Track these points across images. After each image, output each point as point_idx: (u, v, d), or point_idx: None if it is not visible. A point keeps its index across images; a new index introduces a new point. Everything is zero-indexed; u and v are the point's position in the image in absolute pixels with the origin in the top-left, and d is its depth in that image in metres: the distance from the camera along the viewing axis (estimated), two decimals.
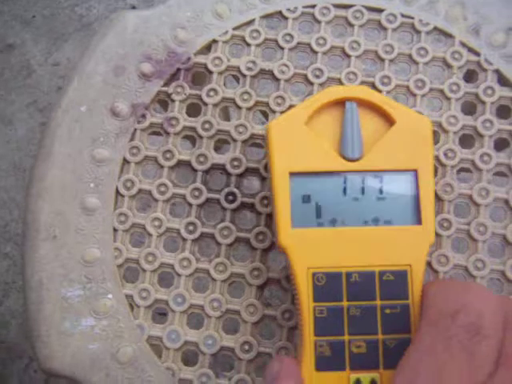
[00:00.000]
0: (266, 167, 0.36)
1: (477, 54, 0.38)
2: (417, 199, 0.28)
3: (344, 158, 0.29)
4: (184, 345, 0.34)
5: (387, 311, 0.27)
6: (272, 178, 0.29)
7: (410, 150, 0.29)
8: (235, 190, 0.36)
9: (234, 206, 0.36)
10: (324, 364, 0.27)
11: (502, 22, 0.38)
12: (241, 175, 0.36)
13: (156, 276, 0.36)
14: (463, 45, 0.38)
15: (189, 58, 0.38)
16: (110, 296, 0.35)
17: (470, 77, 0.38)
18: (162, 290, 0.35)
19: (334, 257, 0.28)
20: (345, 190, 0.29)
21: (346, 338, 0.27)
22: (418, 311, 0.27)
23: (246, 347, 0.34)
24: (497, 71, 0.37)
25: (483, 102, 0.37)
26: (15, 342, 0.90)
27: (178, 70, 0.38)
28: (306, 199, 0.29)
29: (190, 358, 0.35)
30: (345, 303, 0.28)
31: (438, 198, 0.35)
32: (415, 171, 0.29)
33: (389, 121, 0.29)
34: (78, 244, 0.36)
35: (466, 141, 0.37)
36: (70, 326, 0.35)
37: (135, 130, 0.37)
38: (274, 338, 0.34)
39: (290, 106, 0.37)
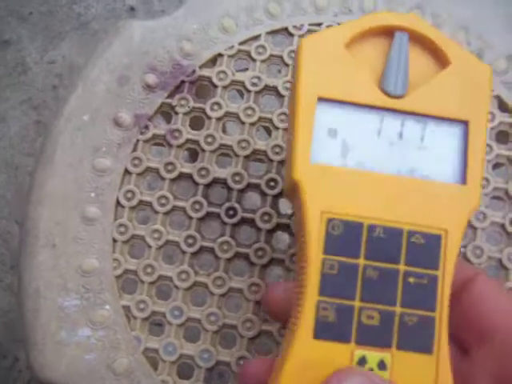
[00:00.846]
0: (268, 183, 0.36)
1: None
2: (464, 155, 0.24)
3: (385, 92, 0.24)
4: (180, 358, 0.35)
5: (411, 280, 0.23)
6: (295, 102, 0.24)
7: (463, 98, 0.24)
8: (236, 205, 0.36)
9: (234, 220, 0.36)
10: (325, 331, 0.22)
11: (504, 49, 0.38)
12: (242, 190, 0.36)
13: (154, 288, 0.36)
14: None
15: (194, 71, 0.38)
16: (107, 307, 0.35)
17: None
18: (159, 303, 0.35)
19: (357, 204, 0.23)
20: (380, 130, 0.24)
21: (357, 303, 0.23)
22: (448, 287, 0.23)
23: (242, 362, 0.34)
24: (497, 97, 0.38)
25: None
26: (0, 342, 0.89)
27: (183, 82, 0.38)
28: (333, 132, 0.24)
29: (185, 371, 0.35)
30: (361, 261, 0.23)
31: None
32: (466, 123, 0.24)
33: (442, 61, 0.25)
34: (77, 253, 0.36)
35: None
36: (66, 335, 0.35)
37: (138, 140, 0.37)
38: (270, 354, 0.34)
39: None
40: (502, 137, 0.38)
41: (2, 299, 0.93)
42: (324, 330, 0.22)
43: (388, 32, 0.25)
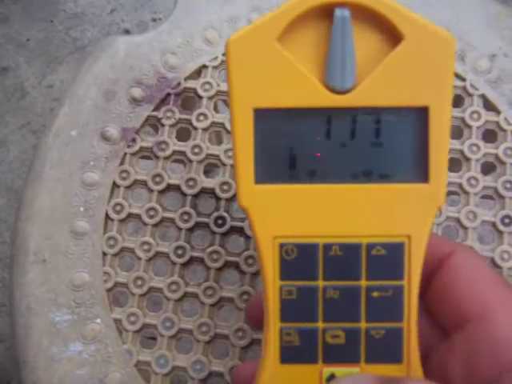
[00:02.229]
0: None
1: (463, 79, 0.38)
2: (425, 148, 0.21)
3: (329, 88, 0.21)
4: (172, 370, 0.34)
5: (374, 294, 0.22)
6: (231, 116, 0.21)
7: (421, 79, 0.21)
8: (224, 214, 0.36)
9: (223, 230, 0.36)
10: (291, 355, 0.22)
11: (486, 48, 0.39)
12: (230, 199, 0.36)
13: (145, 300, 0.36)
14: None
15: (179, 83, 0.39)
16: (98, 320, 0.35)
17: (456, 102, 0.39)
18: (150, 315, 0.35)
19: (310, 223, 0.22)
20: (328, 132, 0.21)
21: (320, 325, 0.22)
22: (415, 295, 0.22)
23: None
24: (482, 96, 0.38)
25: (469, 127, 0.37)
26: (3, 368, 0.89)
27: (168, 94, 0.39)
28: (276, 145, 0.21)
29: (178, 383, 0.35)
30: (320, 283, 0.22)
31: None
32: (426, 109, 0.21)
33: (395, 37, 0.21)
34: (67, 268, 0.36)
35: (454, 164, 0.37)
36: (57, 351, 0.35)
37: (125, 154, 0.38)
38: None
39: None
40: (489, 136, 0.38)
41: (5, 324, 0.93)
42: (290, 354, 0.22)
43: (327, 10, 0.21)
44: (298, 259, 0.22)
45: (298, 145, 0.21)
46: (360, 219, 0.22)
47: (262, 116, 0.21)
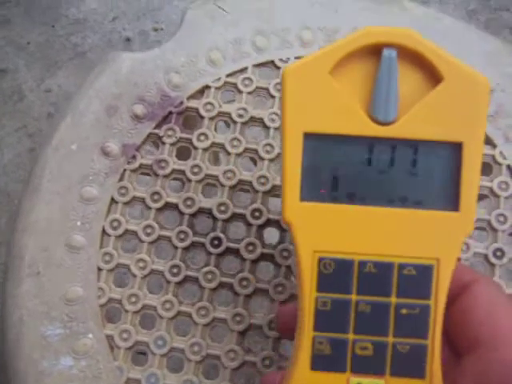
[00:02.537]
0: (253, 213, 0.37)
1: None
2: (457, 179, 0.23)
3: (373, 119, 0.23)
4: None
5: (403, 311, 0.23)
6: (283, 138, 0.24)
7: (458, 117, 0.23)
8: (221, 235, 0.36)
9: (219, 250, 0.36)
10: (321, 363, 0.24)
11: None
12: (227, 220, 0.37)
13: (138, 317, 0.36)
14: None
15: (181, 102, 0.39)
16: (90, 336, 0.35)
17: None
18: (143, 332, 0.35)
19: (347, 241, 0.24)
20: (370, 159, 0.23)
21: (351, 336, 0.24)
22: (441, 315, 0.23)
23: None
24: None
25: None
26: None
27: (170, 113, 0.39)
28: (322, 167, 0.24)
29: None
30: (353, 297, 0.24)
31: None
32: (460, 145, 0.23)
33: (435, 77, 0.23)
34: (62, 282, 0.36)
35: None
36: (48, 364, 0.35)
37: (125, 170, 0.38)
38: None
39: (279, 154, 0.38)
40: (484, 169, 0.38)
41: None
42: (320, 362, 0.24)
43: (376, 49, 0.23)
44: (335, 273, 0.24)
45: (342, 168, 0.24)
46: (394, 240, 0.24)
47: (311, 140, 0.23)
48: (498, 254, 0.36)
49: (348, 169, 0.24)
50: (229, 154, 0.38)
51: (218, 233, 0.36)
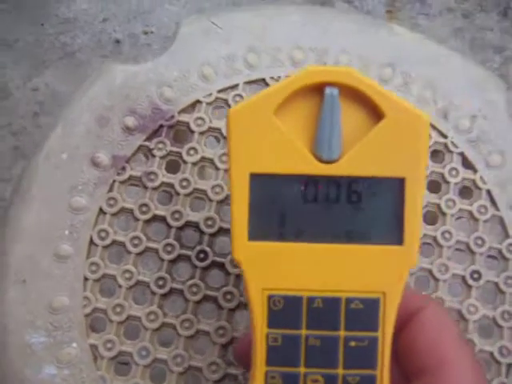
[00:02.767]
0: None
1: (444, 136, 0.40)
2: (401, 214, 0.24)
3: (318, 158, 0.24)
4: None
5: (352, 344, 0.24)
6: (230, 179, 0.24)
7: (399, 153, 0.24)
8: (207, 249, 0.37)
9: (204, 264, 0.37)
10: None
11: (468, 109, 0.41)
12: (214, 234, 0.37)
13: (122, 328, 0.36)
14: (433, 127, 0.40)
15: (172, 116, 0.40)
16: (74, 345, 0.35)
17: (437, 157, 0.40)
18: (127, 342, 0.36)
19: (296, 278, 0.24)
20: (315, 196, 0.24)
21: (302, 370, 0.24)
22: (388, 345, 0.24)
23: None
24: (461, 154, 0.40)
25: (448, 182, 0.39)
26: None
27: (161, 126, 0.40)
28: (269, 206, 0.24)
29: None
30: (303, 331, 0.24)
31: None
32: (402, 180, 0.24)
33: (377, 114, 0.24)
34: (47, 290, 0.36)
35: (430, 217, 0.39)
36: (30, 373, 0.35)
37: (114, 181, 0.38)
38: None
39: None
40: (465, 192, 0.39)
41: None
42: None
43: (319, 88, 0.24)
44: (284, 310, 0.24)
45: (288, 207, 0.24)
46: (341, 275, 0.24)
47: (257, 180, 0.24)
48: (475, 276, 0.37)
49: (294, 207, 0.24)
50: (217, 169, 0.39)
51: (205, 246, 0.37)
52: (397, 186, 0.24)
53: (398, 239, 0.24)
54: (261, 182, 0.24)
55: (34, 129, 1.05)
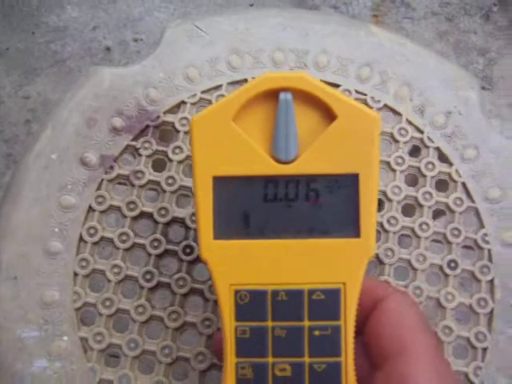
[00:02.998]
0: None
1: (421, 131, 0.42)
2: (356, 208, 0.25)
3: (276, 159, 0.25)
4: None
5: (316, 333, 0.25)
6: (194, 183, 0.26)
7: (352, 150, 0.25)
8: (193, 244, 0.38)
9: (190, 258, 0.38)
10: None
11: (443, 105, 0.42)
12: None
13: (112, 321, 0.37)
14: (409, 122, 0.42)
15: (158, 116, 0.41)
16: (65, 338, 0.37)
17: (414, 152, 0.42)
18: (116, 335, 0.37)
19: (260, 273, 0.26)
20: (276, 196, 0.25)
21: (270, 360, 0.26)
22: (351, 333, 0.26)
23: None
24: (437, 149, 0.41)
25: (424, 176, 0.41)
26: None
27: (147, 126, 0.41)
28: (232, 207, 0.25)
29: None
30: (269, 323, 0.26)
31: (379, 262, 0.39)
32: (356, 176, 0.25)
33: (330, 115, 0.25)
34: (38, 286, 0.37)
35: (408, 210, 0.40)
36: (22, 366, 0.36)
37: (102, 180, 0.40)
38: None
39: None
40: (441, 185, 0.41)
41: None
42: None
43: (274, 93, 0.25)
44: (251, 303, 0.26)
45: (250, 206, 0.26)
46: (303, 269, 0.26)
47: (220, 182, 0.25)
48: (452, 265, 0.39)
49: (256, 206, 0.25)
50: None
51: (191, 241, 0.38)
52: (351, 181, 0.25)
53: (355, 232, 0.25)
54: (223, 185, 0.25)
55: (26, 136, 1.06)
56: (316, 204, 0.25)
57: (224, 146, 0.25)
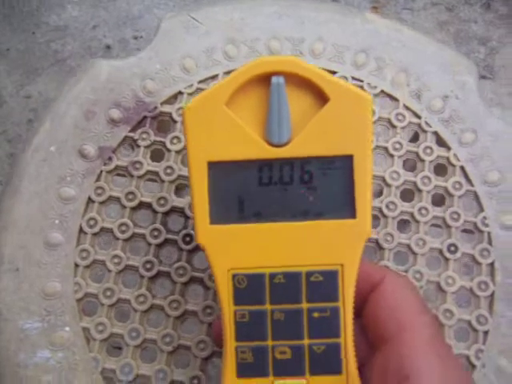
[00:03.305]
0: None
1: (418, 116, 0.42)
2: (351, 189, 0.25)
3: (269, 143, 0.25)
4: (136, 378, 0.36)
5: (315, 314, 0.25)
6: (189, 169, 0.26)
7: (346, 132, 0.25)
8: (192, 232, 0.38)
9: (190, 247, 0.38)
10: (246, 371, 0.26)
11: (440, 90, 0.42)
12: None
13: (113, 310, 0.38)
14: (406, 108, 0.42)
15: (155, 107, 0.41)
16: (67, 329, 0.37)
17: (412, 137, 0.42)
18: (118, 325, 0.37)
19: (257, 256, 0.25)
20: (270, 179, 0.25)
21: (270, 343, 0.26)
22: (350, 314, 0.26)
23: (195, 382, 0.36)
24: (435, 133, 0.41)
25: (423, 160, 0.41)
26: None
27: (145, 117, 0.41)
28: (227, 192, 0.25)
29: None
30: (268, 307, 0.26)
31: (379, 247, 0.39)
32: (351, 157, 0.25)
33: (323, 98, 0.25)
34: (40, 277, 0.38)
35: (407, 195, 0.40)
36: (24, 357, 0.36)
37: (101, 171, 0.40)
38: None
39: None
40: (439, 170, 0.41)
41: None
42: (245, 370, 0.26)
43: (266, 78, 0.25)
44: (249, 287, 0.26)
45: (245, 190, 0.25)
46: (300, 251, 0.26)
47: (214, 167, 0.25)
48: (452, 249, 0.39)
49: (251, 190, 0.25)
50: None
51: (190, 230, 0.38)
52: (345, 163, 0.25)
53: (351, 213, 0.25)
54: (218, 169, 0.25)
55: (31, 131, 1.07)
56: (311, 186, 0.25)
57: (217, 131, 0.25)
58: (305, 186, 0.25)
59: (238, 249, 0.26)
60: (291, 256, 0.26)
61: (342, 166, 0.25)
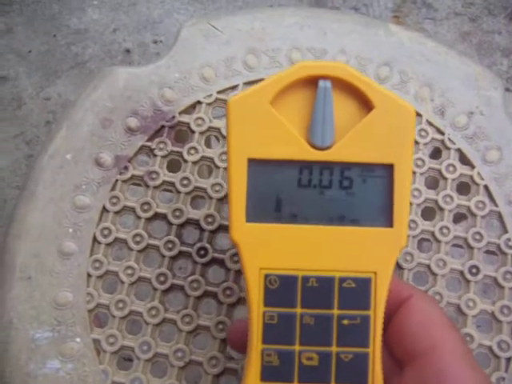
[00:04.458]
0: None
1: (442, 133, 0.41)
2: (390, 198, 0.25)
3: (312, 145, 0.25)
4: None
5: (345, 322, 0.25)
6: (228, 164, 0.25)
7: (388, 141, 0.25)
8: (207, 245, 0.38)
9: (204, 260, 0.37)
10: (271, 374, 0.25)
11: (465, 106, 0.41)
12: (214, 231, 0.38)
13: (125, 323, 0.37)
14: (430, 124, 0.41)
15: (173, 117, 0.41)
16: (77, 340, 0.36)
17: (434, 154, 0.41)
18: (129, 337, 0.37)
19: (291, 258, 0.25)
20: (310, 181, 0.25)
21: (297, 347, 0.25)
22: (380, 324, 0.25)
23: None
24: (459, 150, 0.40)
25: (445, 178, 0.40)
26: None
27: (163, 126, 0.40)
28: (265, 190, 0.25)
29: None
30: (298, 310, 0.25)
31: (398, 266, 0.37)
32: (391, 166, 0.25)
33: (367, 105, 0.25)
34: (52, 286, 0.37)
35: (428, 213, 0.39)
36: (34, 367, 0.36)
37: (117, 180, 0.39)
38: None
39: None
40: (462, 188, 0.40)
41: None
42: (269, 373, 0.25)
43: (313, 81, 0.25)
44: (280, 288, 0.25)
45: (284, 190, 0.25)
46: (334, 256, 0.25)
47: (255, 165, 0.25)
48: (474, 270, 0.38)
49: (289, 191, 0.25)
50: (217, 167, 0.39)
51: (205, 243, 0.38)
52: (386, 171, 0.25)
53: (388, 222, 0.25)
54: (258, 167, 0.25)
55: (47, 138, 1.07)
56: (350, 192, 0.25)
57: (261, 129, 0.25)
58: (343, 191, 0.25)
59: (272, 249, 0.25)
60: (325, 260, 0.25)
61: (382, 175, 0.25)
